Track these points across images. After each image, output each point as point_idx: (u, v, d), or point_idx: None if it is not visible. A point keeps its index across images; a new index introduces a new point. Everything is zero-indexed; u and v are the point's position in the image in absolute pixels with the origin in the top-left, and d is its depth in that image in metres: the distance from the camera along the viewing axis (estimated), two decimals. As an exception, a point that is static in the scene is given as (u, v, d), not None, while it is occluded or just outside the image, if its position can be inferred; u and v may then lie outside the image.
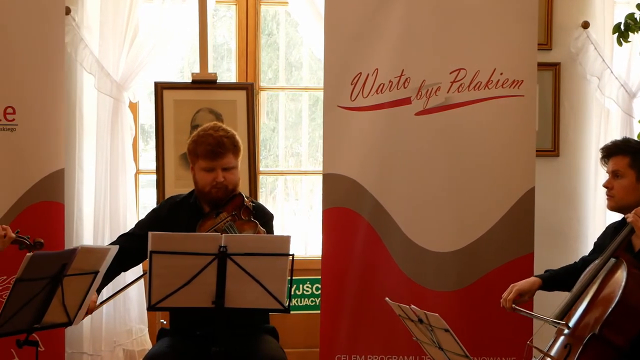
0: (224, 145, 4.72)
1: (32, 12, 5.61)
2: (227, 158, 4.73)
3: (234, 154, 4.77)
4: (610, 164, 4.62)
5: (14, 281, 3.93)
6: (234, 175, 4.77)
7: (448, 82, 5.67)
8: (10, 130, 5.62)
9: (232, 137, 4.78)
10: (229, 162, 4.74)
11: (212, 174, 4.72)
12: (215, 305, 4.09)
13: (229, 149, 4.74)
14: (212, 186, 4.72)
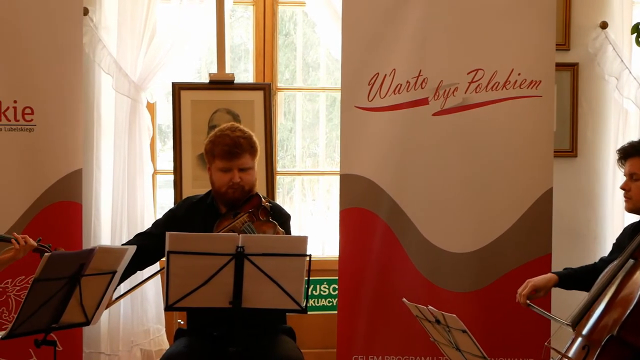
0: (240, 145, 4.72)
1: (50, 13, 5.63)
2: (244, 159, 4.72)
3: (251, 155, 4.77)
4: (627, 165, 4.59)
5: (32, 281, 3.94)
6: (251, 175, 4.76)
7: (466, 83, 5.66)
8: (28, 130, 5.64)
9: (249, 137, 4.78)
10: (245, 163, 4.73)
11: (229, 174, 4.71)
12: (233, 305, 4.09)
13: (246, 149, 4.73)
14: (229, 186, 4.71)
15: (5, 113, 5.62)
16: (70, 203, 5.66)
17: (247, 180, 4.74)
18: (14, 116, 5.63)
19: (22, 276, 5.62)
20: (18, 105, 5.63)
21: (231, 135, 4.75)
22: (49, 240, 5.41)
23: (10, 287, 5.61)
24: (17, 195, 5.59)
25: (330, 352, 5.87)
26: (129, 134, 6.16)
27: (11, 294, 5.63)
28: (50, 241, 5.38)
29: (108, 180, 6.22)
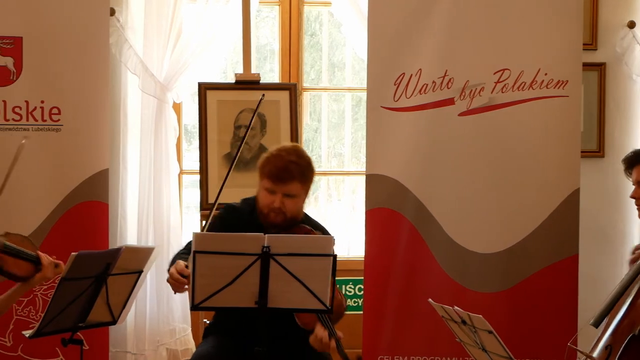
0: (290, 171, 4.58)
1: (77, 13, 5.65)
2: (291, 185, 4.59)
3: (301, 183, 4.63)
4: (634, 173, 4.57)
5: (59, 280, 3.96)
6: (295, 204, 4.63)
7: (492, 83, 5.64)
8: (55, 130, 5.67)
9: (303, 165, 4.63)
10: (291, 190, 4.60)
11: (272, 196, 4.59)
12: (258, 305, 4.08)
13: (295, 176, 4.59)
14: (270, 209, 4.60)
15: (33, 113, 5.64)
16: (96, 203, 5.68)
17: (290, 208, 4.61)
18: (42, 116, 5.65)
19: (49, 275, 5.64)
20: (45, 105, 5.66)
21: (285, 158, 4.61)
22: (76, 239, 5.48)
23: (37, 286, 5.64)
24: (44, 195, 5.61)
25: (356, 353, 5.87)
26: (155, 134, 6.18)
27: (38, 293, 5.66)
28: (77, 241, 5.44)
29: (134, 180, 6.24)
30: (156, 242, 6.12)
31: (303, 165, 4.64)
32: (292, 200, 4.61)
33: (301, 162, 4.64)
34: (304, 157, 4.68)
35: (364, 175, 5.78)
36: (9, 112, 5.62)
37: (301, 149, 4.79)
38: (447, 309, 4.13)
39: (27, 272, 4.36)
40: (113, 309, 4.29)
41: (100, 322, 4.33)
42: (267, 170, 4.63)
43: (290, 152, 4.66)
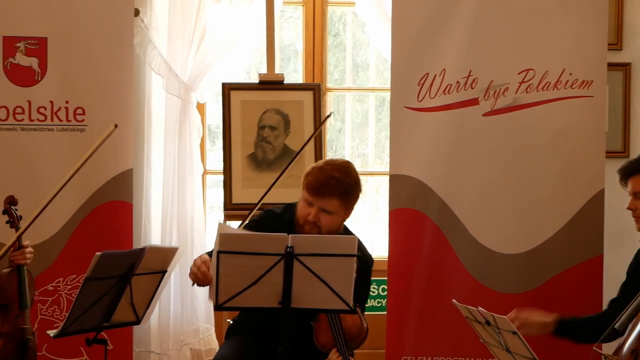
0: (329, 187, 4.51)
1: (101, 14, 5.67)
2: (329, 201, 4.53)
3: (341, 200, 4.55)
4: (630, 184, 4.53)
5: (84, 280, 3.97)
6: (331, 221, 4.57)
7: (516, 83, 5.62)
8: (80, 130, 5.69)
9: (346, 183, 4.55)
10: (328, 206, 4.53)
11: (309, 208, 4.55)
12: (282, 305, 4.08)
13: (334, 193, 4.52)
14: (305, 221, 4.57)
15: (57, 113, 5.67)
16: (121, 203, 5.70)
17: (325, 224, 4.56)
18: (66, 116, 5.68)
19: (73, 275, 5.66)
20: (70, 105, 5.68)
21: (327, 172, 4.54)
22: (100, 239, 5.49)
23: (62, 286, 5.66)
24: (69, 195, 5.62)
25: (379, 353, 5.86)
26: (179, 134, 6.19)
27: (62, 293, 5.68)
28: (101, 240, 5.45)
29: (158, 180, 6.25)
30: (180, 242, 6.13)
31: (346, 183, 4.56)
32: (328, 217, 4.56)
33: (344, 180, 4.56)
34: (351, 176, 4.60)
35: (387, 175, 5.78)
36: (33, 112, 5.65)
37: (350, 167, 4.66)
38: (471, 310, 4.12)
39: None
40: (137, 308, 4.30)
41: (124, 322, 4.34)
42: (307, 181, 4.59)
43: (337, 167, 4.59)
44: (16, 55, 5.63)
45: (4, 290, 4.41)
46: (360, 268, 4.14)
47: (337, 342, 4.46)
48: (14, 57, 5.63)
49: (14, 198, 4.68)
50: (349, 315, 4.44)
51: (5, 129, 5.61)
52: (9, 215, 4.64)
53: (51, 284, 5.64)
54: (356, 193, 4.65)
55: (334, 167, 4.59)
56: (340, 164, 4.66)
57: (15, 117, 5.63)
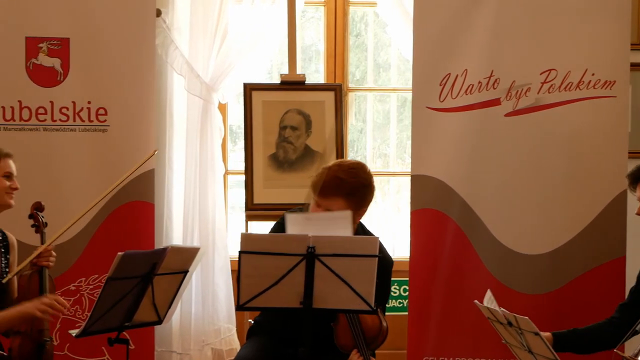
0: (330, 187, 4.46)
1: (123, 14, 5.68)
2: (333, 201, 4.48)
3: (346, 201, 4.46)
4: (638, 190, 4.51)
5: (106, 280, 3.97)
6: None
7: (538, 83, 5.60)
8: (102, 131, 5.70)
9: (351, 183, 4.47)
10: (333, 205, 4.47)
11: (317, 209, 4.52)
12: (303, 305, 4.08)
13: (338, 193, 4.47)
14: None
15: (80, 114, 5.69)
16: (142, 203, 5.71)
17: None
18: (88, 117, 5.70)
19: (95, 275, 5.68)
20: (92, 106, 5.70)
21: (332, 172, 4.49)
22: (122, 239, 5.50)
23: (84, 285, 5.68)
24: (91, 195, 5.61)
25: (401, 354, 5.86)
26: (201, 134, 6.19)
27: (84, 293, 5.70)
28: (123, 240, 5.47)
29: (180, 181, 6.27)
30: (201, 242, 6.14)
31: (351, 183, 4.49)
32: None
33: (350, 181, 4.49)
34: (357, 177, 4.52)
35: (409, 176, 5.77)
36: (56, 112, 5.67)
37: (359, 168, 4.58)
38: (493, 311, 4.11)
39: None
40: (159, 308, 4.31)
41: (146, 321, 4.35)
42: (312, 181, 4.57)
43: (343, 168, 4.53)
44: (39, 56, 5.65)
45: (25, 291, 4.42)
46: (380, 269, 4.13)
47: (358, 343, 4.46)
48: (36, 57, 5.65)
49: (41, 204, 4.70)
50: (368, 315, 4.44)
51: (28, 129, 5.64)
52: (34, 219, 4.66)
53: (73, 283, 5.66)
54: (364, 194, 4.56)
55: (341, 167, 4.53)
56: (349, 164, 4.61)
57: (38, 117, 5.65)
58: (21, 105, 5.64)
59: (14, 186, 4.46)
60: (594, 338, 4.48)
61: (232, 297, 6.20)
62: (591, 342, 4.48)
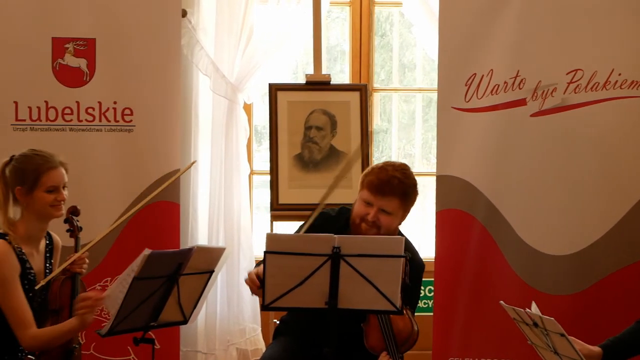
0: (391, 186, 4.53)
1: (149, 15, 5.70)
2: (389, 201, 4.54)
3: (401, 201, 4.56)
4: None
5: (132, 279, 3.98)
6: (390, 221, 4.58)
7: (564, 83, 5.58)
8: (127, 131, 5.72)
9: (406, 184, 4.57)
10: (388, 206, 4.54)
11: (368, 208, 4.56)
12: (329, 306, 4.08)
13: (396, 193, 4.54)
14: (363, 220, 4.57)
15: (106, 114, 5.71)
16: (168, 203, 5.72)
17: (384, 223, 4.57)
18: (114, 117, 5.72)
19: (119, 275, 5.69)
20: (118, 106, 5.72)
21: (389, 172, 4.56)
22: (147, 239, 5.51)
23: (109, 285, 5.69)
24: (117, 195, 5.67)
25: (426, 354, 5.85)
26: (226, 134, 6.20)
27: (111, 293, 5.71)
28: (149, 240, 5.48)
29: (205, 181, 6.28)
30: (226, 242, 6.15)
31: (407, 184, 4.58)
32: (387, 217, 4.57)
33: (405, 181, 4.58)
34: (410, 177, 4.62)
35: (434, 176, 5.76)
36: (82, 112, 5.69)
37: (409, 169, 4.68)
38: (519, 311, 4.09)
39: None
40: (184, 308, 4.32)
41: (171, 321, 4.35)
42: (368, 180, 4.59)
43: (397, 168, 4.60)
44: (65, 56, 5.68)
45: (57, 295, 4.44)
46: (411, 272, 4.12)
47: (388, 344, 4.45)
48: (62, 58, 5.68)
49: (76, 209, 4.73)
50: (400, 318, 4.44)
51: (54, 129, 5.66)
52: (69, 224, 4.69)
53: (99, 283, 5.67)
54: (415, 195, 4.67)
55: (395, 167, 4.60)
56: (400, 165, 4.68)
57: (64, 117, 5.68)
58: (47, 106, 5.67)
59: (60, 198, 4.42)
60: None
61: (257, 297, 6.19)
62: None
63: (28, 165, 4.36)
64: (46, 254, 4.51)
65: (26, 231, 4.37)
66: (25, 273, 4.30)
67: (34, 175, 4.34)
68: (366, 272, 4.04)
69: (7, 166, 4.39)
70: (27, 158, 4.41)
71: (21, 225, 4.37)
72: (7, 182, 4.38)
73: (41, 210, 4.37)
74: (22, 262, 4.29)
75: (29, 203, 4.34)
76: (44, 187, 4.36)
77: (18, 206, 4.40)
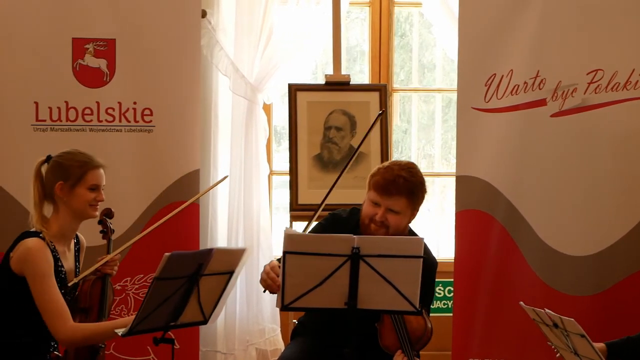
0: (397, 185, 4.52)
1: (169, 15, 5.71)
2: (396, 200, 4.53)
3: (408, 200, 4.56)
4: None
5: (153, 280, 3.99)
6: (399, 220, 4.57)
7: (585, 83, 5.56)
8: (147, 131, 5.73)
9: (413, 182, 4.56)
10: (395, 205, 4.54)
11: (375, 209, 4.56)
12: (348, 306, 4.07)
13: (402, 192, 4.53)
14: (371, 220, 4.57)
15: (125, 114, 5.72)
16: (187, 203, 5.74)
17: (393, 223, 4.56)
18: (134, 117, 5.73)
19: (140, 275, 5.71)
20: (137, 106, 5.73)
21: (395, 171, 4.55)
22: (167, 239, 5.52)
23: (129, 285, 5.71)
24: (137, 195, 5.69)
25: (446, 355, 5.84)
26: (246, 135, 6.21)
27: (130, 292, 5.73)
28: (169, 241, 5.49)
29: (225, 181, 6.28)
30: (246, 242, 6.16)
31: (413, 182, 4.57)
32: (395, 217, 4.56)
33: (412, 180, 4.56)
34: (417, 176, 4.60)
35: (453, 176, 5.76)
36: (102, 113, 5.71)
37: (415, 167, 4.67)
38: (539, 312, 4.08)
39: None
40: (204, 309, 4.31)
41: (191, 321, 4.35)
42: (374, 180, 4.59)
43: (403, 167, 4.59)
44: (85, 57, 5.69)
45: (87, 294, 4.47)
46: (424, 269, 4.12)
47: (402, 343, 4.45)
48: (83, 58, 5.69)
49: (111, 211, 4.76)
50: (413, 316, 4.43)
51: (74, 129, 5.68)
52: (103, 226, 4.72)
53: (119, 283, 5.69)
54: (422, 193, 4.65)
55: (401, 166, 4.59)
56: (406, 163, 4.67)
57: (84, 117, 5.69)
58: (68, 106, 5.69)
59: (99, 198, 4.46)
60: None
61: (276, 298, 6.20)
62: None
63: (74, 162, 4.40)
64: (75, 253, 4.55)
65: (60, 229, 4.40)
66: (57, 271, 4.33)
67: (80, 172, 4.38)
68: (386, 272, 4.03)
69: (43, 165, 4.43)
70: (72, 155, 4.45)
71: (55, 224, 4.39)
72: (42, 180, 4.42)
73: (79, 208, 4.40)
74: (55, 259, 4.33)
75: (68, 200, 4.37)
76: (87, 184, 4.40)
77: (52, 204, 4.42)
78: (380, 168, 4.64)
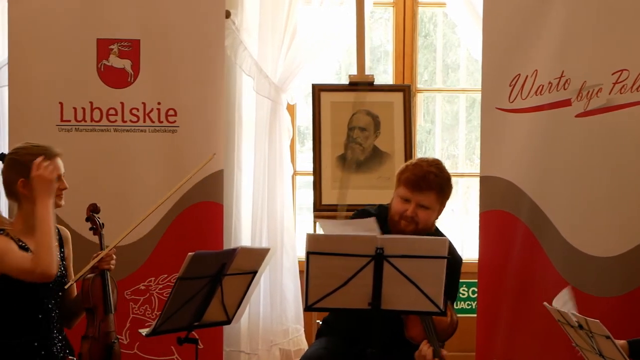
0: (428, 181, 4.60)
1: (193, 16, 5.72)
2: (427, 195, 4.60)
3: (438, 195, 4.64)
4: None
5: (176, 279, 4.00)
6: (428, 216, 4.64)
7: (610, 84, 5.53)
8: (171, 131, 5.74)
9: (442, 178, 4.65)
10: (426, 200, 4.61)
11: (405, 205, 4.62)
12: (372, 307, 4.07)
13: (433, 187, 4.61)
14: (401, 216, 4.62)
15: (150, 115, 5.74)
16: (211, 203, 5.74)
17: (423, 218, 4.62)
18: (158, 118, 5.74)
19: (164, 275, 5.72)
20: (162, 107, 5.74)
21: (424, 168, 4.64)
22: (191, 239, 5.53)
23: (153, 285, 5.72)
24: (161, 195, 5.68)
25: (469, 356, 5.83)
26: (270, 135, 6.22)
27: (154, 292, 5.74)
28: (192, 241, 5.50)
29: (248, 181, 6.29)
30: (269, 242, 6.17)
31: (442, 178, 4.65)
32: (425, 212, 4.62)
33: (441, 175, 4.65)
34: (444, 171, 4.70)
35: (478, 177, 5.74)
36: (126, 113, 5.72)
37: (442, 164, 4.77)
38: (564, 313, 4.07)
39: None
40: (228, 309, 4.33)
41: (215, 321, 4.37)
42: (404, 177, 4.64)
43: (431, 163, 4.68)
44: (110, 58, 5.71)
45: (89, 294, 4.47)
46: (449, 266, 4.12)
47: (428, 334, 4.44)
48: (107, 59, 5.71)
49: (96, 206, 4.73)
50: None
51: (99, 129, 5.70)
52: (91, 222, 4.70)
53: (143, 283, 5.70)
54: (450, 189, 4.72)
55: (429, 163, 4.68)
56: (433, 160, 4.76)
57: (109, 118, 5.71)
58: (92, 106, 5.71)
59: (62, 187, 4.41)
60: None
61: (300, 298, 6.21)
62: None
63: (30, 156, 4.30)
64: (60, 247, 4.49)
65: (25, 224, 4.31)
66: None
67: None
68: (409, 273, 4.03)
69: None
70: (26, 149, 4.37)
71: (19, 220, 4.34)
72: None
73: None
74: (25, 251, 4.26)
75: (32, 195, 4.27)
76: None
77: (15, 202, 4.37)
78: (409, 165, 4.70)
